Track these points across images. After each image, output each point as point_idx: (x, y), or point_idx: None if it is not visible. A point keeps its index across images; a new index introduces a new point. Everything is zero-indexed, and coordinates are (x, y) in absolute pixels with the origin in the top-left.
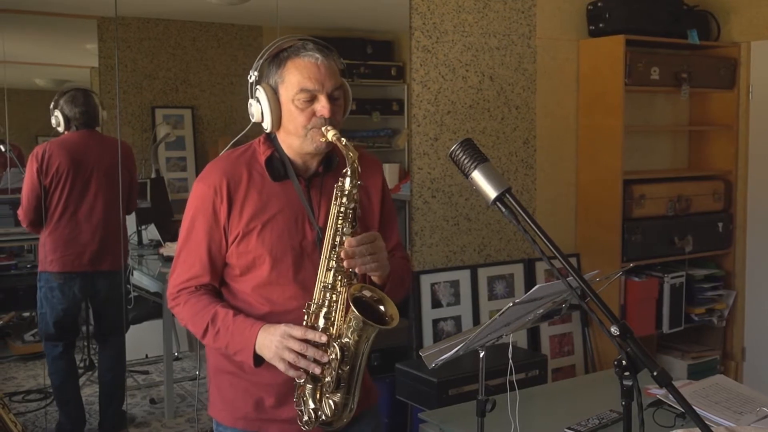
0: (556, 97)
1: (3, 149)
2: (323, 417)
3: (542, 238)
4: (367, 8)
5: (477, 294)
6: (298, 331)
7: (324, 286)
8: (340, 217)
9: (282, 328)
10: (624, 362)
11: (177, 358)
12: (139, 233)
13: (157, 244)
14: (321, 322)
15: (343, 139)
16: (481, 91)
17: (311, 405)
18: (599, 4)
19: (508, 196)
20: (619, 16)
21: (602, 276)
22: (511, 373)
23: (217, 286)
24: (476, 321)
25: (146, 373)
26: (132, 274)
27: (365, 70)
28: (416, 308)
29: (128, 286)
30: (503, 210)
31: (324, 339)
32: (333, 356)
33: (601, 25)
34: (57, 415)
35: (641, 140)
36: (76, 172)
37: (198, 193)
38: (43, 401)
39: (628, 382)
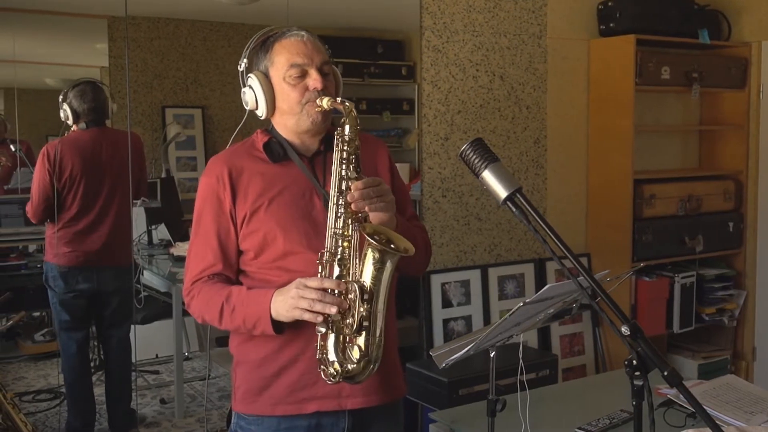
0: (567, 97)
1: (13, 148)
2: (348, 367)
3: (553, 237)
4: (377, 8)
5: (487, 294)
6: (314, 281)
7: (334, 233)
8: (344, 164)
9: (297, 280)
10: (635, 362)
11: (187, 358)
12: (149, 233)
13: (168, 244)
14: (336, 271)
15: (338, 98)
16: (492, 90)
17: (333, 357)
18: (610, 3)
19: (518, 195)
20: (629, 16)
21: (613, 276)
22: (521, 373)
23: (231, 276)
24: (487, 321)
25: (156, 372)
26: (142, 274)
27: (376, 69)
28: (427, 308)
29: (138, 285)
30: (514, 210)
31: (342, 287)
32: (352, 296)
33: (611, 24)
34: (67, 414)
35: (652, 140)
36: (89, 174)
37: (202, 186)
38: (53, 401)
39: (638, 382)
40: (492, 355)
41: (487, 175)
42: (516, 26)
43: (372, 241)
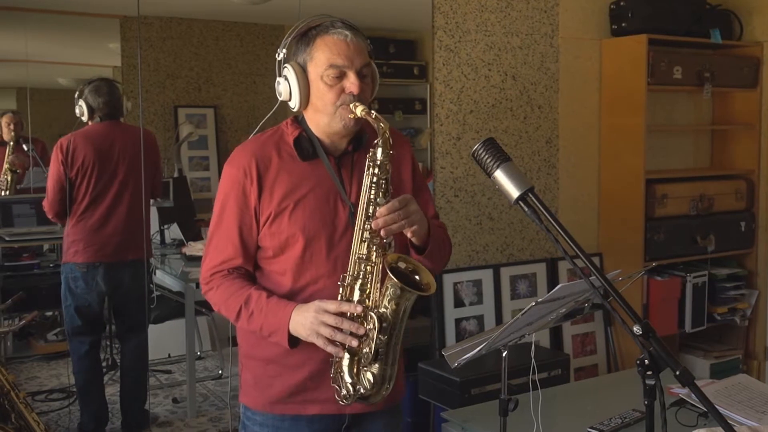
0: (579, 97)
1: (26, 148)
2: (361, 390)
3: (565, 237)
4: (389, 7)
5: (499, 293)
6: (332, 305)
7: (359, 258)
8: (373, 188)
9: (316, 304)
10: (646, 361)
11: (200, 358)
12: (161, 232)
13: (180, 244)
14: (356, 295)
15: (373, 112)
16: (504, 90)
17: (348, 379)
18: (622, 3)
19: (530, 195)
20: (641, 16)
21: (625, 275)
22: (533, 373)
23: (250, 270)
24: (499, 320)
25: (169, 372)
26: (155, 273)
27: (388, 69)
28: (439, 308)
29: (150, 285)
30: (526, 209)
31: (359, 310)
32: (371, 326)
33: (623, 24)
34: (79, 415)
35: (664, 139)
36: (102, 164)
37: (227, 177)
38: (65, 400)
39: (650, 382)
40: (504, 355)
41: (499, 175)
42: (528, 26)
43: (393, 278)
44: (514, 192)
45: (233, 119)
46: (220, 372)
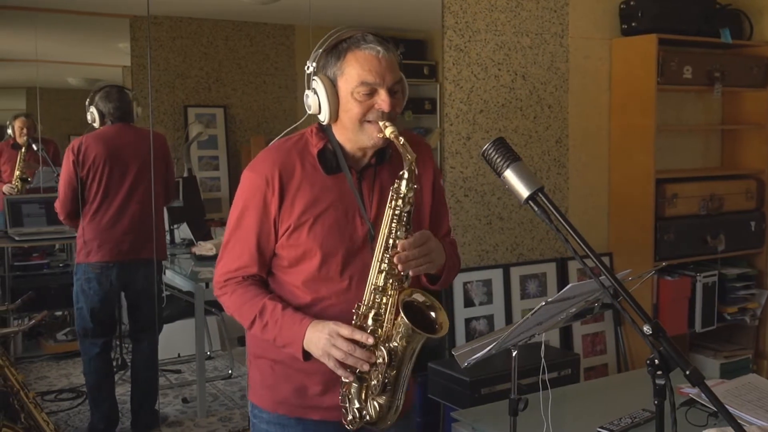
0: (589, 96)
1: (35, 148)
2: (368, 417)
3: (575, 237)
4: (399, 7)
5: (509, 293)
6: (345, 330)
7: (375, 288)
8: (395, 220)
9: (330, 326)
10: (656, 361)
11: (209, 357)
12: (171, 232)
13: (190, 243)
14: (369, 323)
15: (401, 138)
16: (514, 90)
17: (356, 404)
18: (632, 3)
19: (540, 195)
20: (651, 15)
21: (635, 275)
22: (543, 372)
23: (264, 277)
24: (509, 320)
25: (179, 372)
26: (164, 273)
27: None
28: (449, 307)
29: (161, 286)
30: (536, 209)
31: (371, 341)
32: (381, 360)
33: (633, 24)
34: (89, 415)
35: (674, 139)
36: (113, 163)
37: (249, 183)
38: (75, 400)
39: (660, 381)
40: (514, 355)
41: (509, 175)
42: (538, 26)
43: (405, 319)
44: (524, 191)
45: (243, 119)
46: (230, 372)
